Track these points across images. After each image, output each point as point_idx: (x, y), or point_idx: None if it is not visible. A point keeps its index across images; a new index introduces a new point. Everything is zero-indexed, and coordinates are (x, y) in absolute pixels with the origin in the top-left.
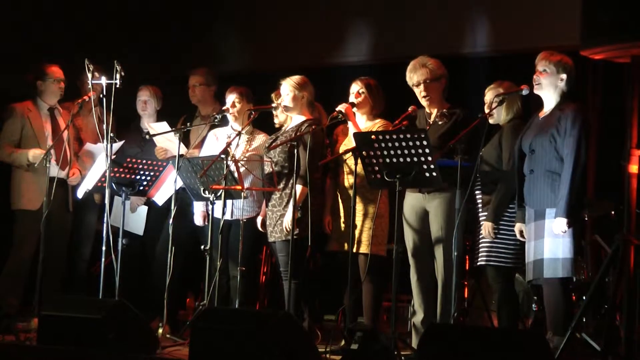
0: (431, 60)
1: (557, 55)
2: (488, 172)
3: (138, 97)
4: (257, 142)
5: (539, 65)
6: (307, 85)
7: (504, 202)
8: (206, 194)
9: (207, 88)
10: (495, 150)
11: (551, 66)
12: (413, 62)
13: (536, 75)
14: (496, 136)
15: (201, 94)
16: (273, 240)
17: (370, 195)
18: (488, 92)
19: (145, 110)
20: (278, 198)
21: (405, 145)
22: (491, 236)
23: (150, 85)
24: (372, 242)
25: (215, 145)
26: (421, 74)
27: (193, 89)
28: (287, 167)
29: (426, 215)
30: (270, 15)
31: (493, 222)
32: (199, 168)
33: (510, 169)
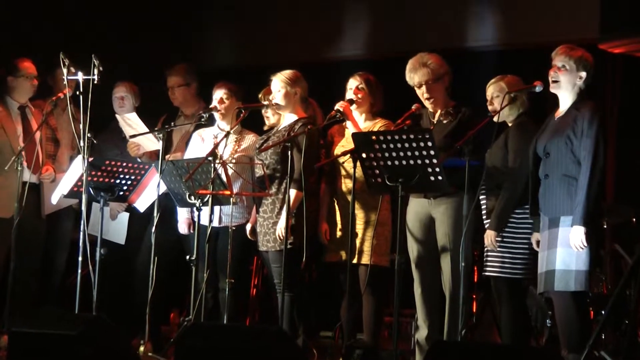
0: (432, 58)
1: (578, 51)
2: (492, 175)
3: (114, 94)
4: (247, 143)
5: (556, 60)
6: (300, 80)
7: (507, 208)
8: (192, 199)
9: (187, 88)
10: (500, 151)
11: (571, 62)
12: (412, 61)
13: (553, 70)
14: (502, 136)
15: (182, 96)
16: (265, 249)
17: (371, 201)
18: (489, 87)
19: (123, 107)
20: (270, 204)
21: (408, 146)
22: (494, 246)
23: (127, 81)
24: (373, 252)
25: (201, 147)
26: (422, 75)
27: (172, 91)
28: (280, 170)
29: (431, 223)
30: (260, 5)
31: (496, 231)
32: (184, 171)
33: (516, 171)
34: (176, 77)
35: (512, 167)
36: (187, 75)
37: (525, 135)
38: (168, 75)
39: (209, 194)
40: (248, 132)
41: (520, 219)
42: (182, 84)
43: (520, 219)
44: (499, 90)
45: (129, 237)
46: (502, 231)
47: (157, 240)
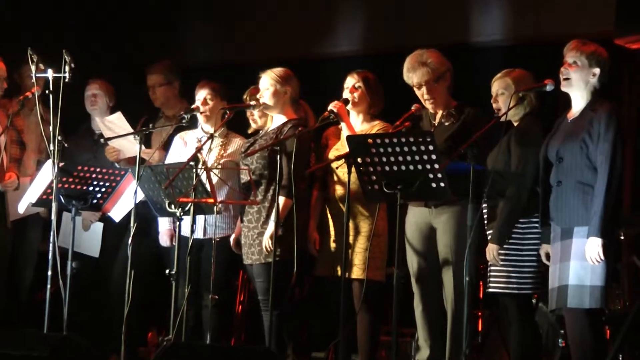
0: (432, 56)
1: (591, 45)
2: (494, 182)
3: (86, 92)
4: (234, 147)
5: (568, 56)
6: (290, 79)
7: (510, 220)
8: (172, 208)
9: (169, 87)
10: (503, 155)
11: (583, 58)
12: (410, 59)
13: (564, 67)
14: (505, 138)
15: (164, 95)
16: (250, 262)
17: (366, 210)
18: (494, 83)
19: (95, 105)
20: (256, 213)
21: (407, 150)
22: (496, 262)
23: (100, 79)
24: (369, 265)
25: (184, 151)
26: (421, 75)
27: (153, 91)
28: (267, 176)
29: (432, 233)
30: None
31: (499, 244)
32: (164, 177)
33: (520, 176)
34: (157, 75)
35: (515, 172)
36: (169, 73)
37: (530, 137)
38: (148, 73)
39: (191, 202)
40: (235, 135)
41: (527, 230)
42: (163, 82)
43: (526, 229)
44: (505, 87)
45: (103, 249)
46: (506, 244)
47: (134, 253)
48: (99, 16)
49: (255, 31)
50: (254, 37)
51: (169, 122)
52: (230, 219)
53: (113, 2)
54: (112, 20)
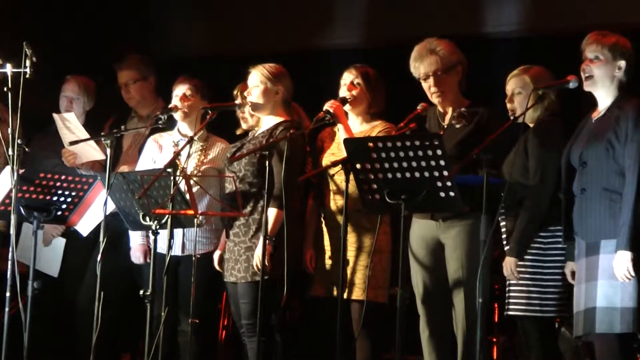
0: (442, 44)
1: (611, 37)
2: (511, 190)
3: (62, 92)
4: (215, 152)
5: (588, 51)
6: (283, 77)
7: (529, 230)
8: (147, 220)
9: (145, 83)
10: (520, 159)
11: (605, 51)
12: (418, 47)
13: (585, 64)
14: (521, 140)
15: (139, 93)
16: (234, 280)
17: (367, 223)
18: (510, 81)
19: (71, 110)
20: (244, 225)
21: (413, 155)
22: (514, 277)
23: (79, 77)
24: (369, 285)
25: (158, 156)
26: (429, 64)
27: (127, 89)
28: (257, 184)
29: (441, 249)
30: None
31: (517, 257)
32: (138, 186)
33: (539, 182)
34: (130, 70)
35: (534, 179)
36: (143, 68)
37: (551, 140)
38: (119, 69)
39: (168, 214)
40: (216, 138)
41: (549, 245)
42: (137, 78)
43: (549, 244)
44: (522, 86)
45: (65, 268)
46: (525, 259)
47: (103, 272)
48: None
49: (241, 21)
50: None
51: (143, 123)
52: (212, 233)
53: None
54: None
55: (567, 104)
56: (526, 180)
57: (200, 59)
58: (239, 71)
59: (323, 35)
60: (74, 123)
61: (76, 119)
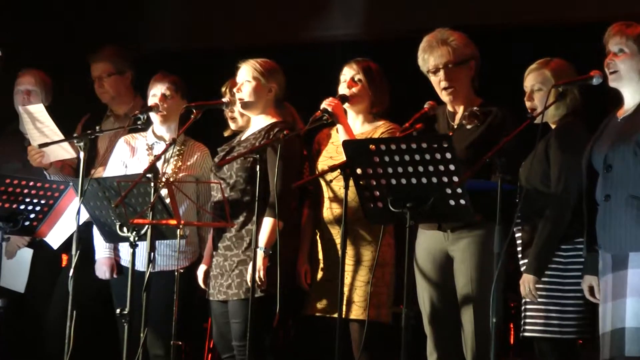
0: (455, 35)
1: (636, 27)
2: (528, 198)
3: (17, 86)
4: (193, 158)
5: (611, 44)
6: (277, 74)
7: (550, 245)
8: (124, 231)
9: (121, 77)
10: (540, 165)
11: (630, 43)
12: (428, 38)
13: (609, 59)
14: (541, 143)
15: (114, 88)
16: (223, 298)
17: (368, 234)
18: (528, 76)
19: (28, 105)
20: (236, 237)
21: (419, 159)
22: (533, 297)
23: (34, 70)
24: (371, 303)
25: (130, 160)
26: (440, 55)
27: (100, 83)
28: (250, 191)
29: (449, 263)
30: None
31: (536, 276)
32: (114, 193)
33: (562, 191)
34: (104, 63)
35: (555, 187)
36: (120, 60)
37: (574, 141)
38: (93, 61)
39: (148, 224)
40: (195, 143)
41: (570, 258)
42: (113, 71)
43: (570, 257)
44: (542, 82)
45: (31, 283)
46: (545, 276)
47: (76, 288)
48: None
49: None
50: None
51: (120, 122)
52: (186, 247)
53: None
54: None
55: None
56: (546, 187)
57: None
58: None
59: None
60: (42, 116)
61: (45, 111)
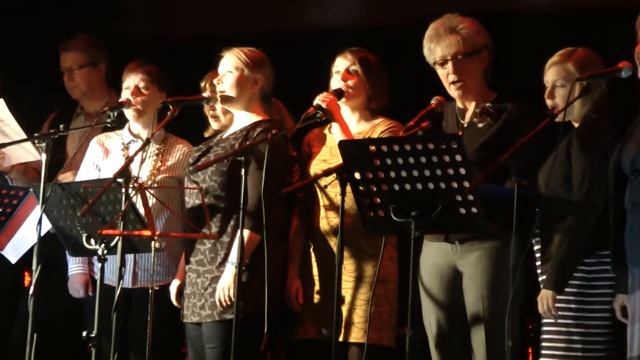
0: (465, 22)
1: None
2: (549, 205)
3: None
4: (175, 158)
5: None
6: (264, 65)
7: (572, 257)
8: (92, 244)
9: (93, 69)
10: (561, 167)
11: None
12: (435, 25)
13: (639, 48)
14: (563, 144)
15: (85, 81)
16: (197, 320)
17: (368, 246)
18: (549, 70)
19: None
20: (210, 251)
21: (425, 161)
22: (553, 315)
23: None
24: (371, 324)
25: (103, 162)
26: (448, 45)
27: (70, 75)
28: (225, 198)
29: (457, 279)
30: None
31: (555, 291)
32: (80, 201)
33: (585, 197)
34: (75, 53)
35: (578, 193)
36: (93, 51)
37: (599, 141)
38: (63, 51)
39: (119, 236)
40: (177, 139)
41: (595, 273)
42: (84, 63)
43: (594, 272)
44: (565, 77)
45: None
46: (565, 291)
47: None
48: None
49: None
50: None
51: (91, 120)
52: (170, 260)
53: None
54: None
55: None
56: (567, 193)
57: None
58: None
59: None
60: (2, 113)
61: (5, 107)
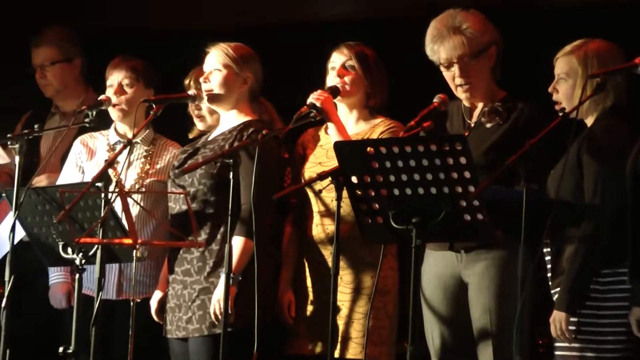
0: (470, 20)
1: None
2: (559, 212)
3: None
4: (164, 160)
5: None
6: (253, 61)
7: (586, 270)
8: (69, 253)
9: (67, 66)
10: (572, 176)
11: None
12: (437, 24)
13: None
14: (573, 147)
15: (59, 78)
16: (183, 335)
17: (366, 255)
18: (557, 62)
19: None
20: (197, 260)
21: (427, 164)
22: (566, 337)
23: None
24: (369, 339)
25: (87, 164)
26: (453, 47)
27: (42, 72)
28: (215, 203)
29: (462, 291)
30: None
31: (568, 312)
32: (56, 206)
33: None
34: (47, 48)
35: (590, 200)
36: (67, 46)
37: (614, 145)
38: (34, 46)
39: (98, 244)
40: (168, 141)
41: (609, 286)
42: (57, 58)
43: (609, 284)
44: (567, 71)
45: None
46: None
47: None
48: None
49: None
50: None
51: (67, 120)
52: (157, 270)
53: None
54: None
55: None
56: (579, 201)
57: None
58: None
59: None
60: None
61: None
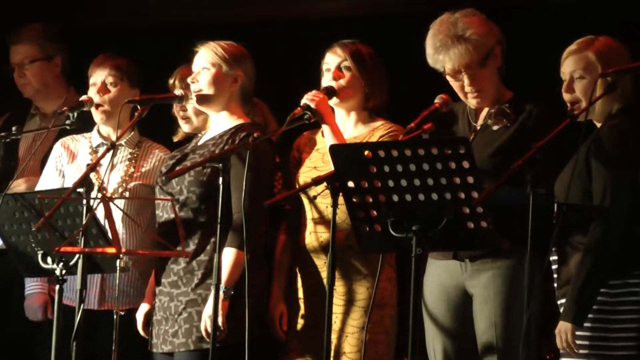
0: (472, 24)
1: None
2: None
3: None
4: (150, 163)
5: None
6: (244, 60)
7: (595, 279)
8: (48, 262)
9: (47, 64)
10: (580, 181)
11: None
12: (438, 32)
13: None
14: (582, 150)
15: (38, 77)
16: (168, 350)
17: (363, 266)
18: (566, 61)
19: None
20: (184, 271)
21: (429, 169)
22: (572, 350)
23: None
24: (366, 354)
25: (68, 168)
26: (459, 56)
27: (21, 71)
28: (205, 211)
29: (466, 302)
30: None
31: (575, 323)
32: (35, 214)
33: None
34: (25, 46)
35: (599, 205)
36: (47, 43)
37: (625, 148)
38: (12, 43)
39: (79, 254)
40: (153, 144)
41: (619, 296)
42: (37, 56)
43: (619, 294)
44: (584, 67)
45: None
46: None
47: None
48: None
49: None
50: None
51: (47, 122)
52: (143, 281)
53: None
54: None
55: None
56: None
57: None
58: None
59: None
60: None
61: None
